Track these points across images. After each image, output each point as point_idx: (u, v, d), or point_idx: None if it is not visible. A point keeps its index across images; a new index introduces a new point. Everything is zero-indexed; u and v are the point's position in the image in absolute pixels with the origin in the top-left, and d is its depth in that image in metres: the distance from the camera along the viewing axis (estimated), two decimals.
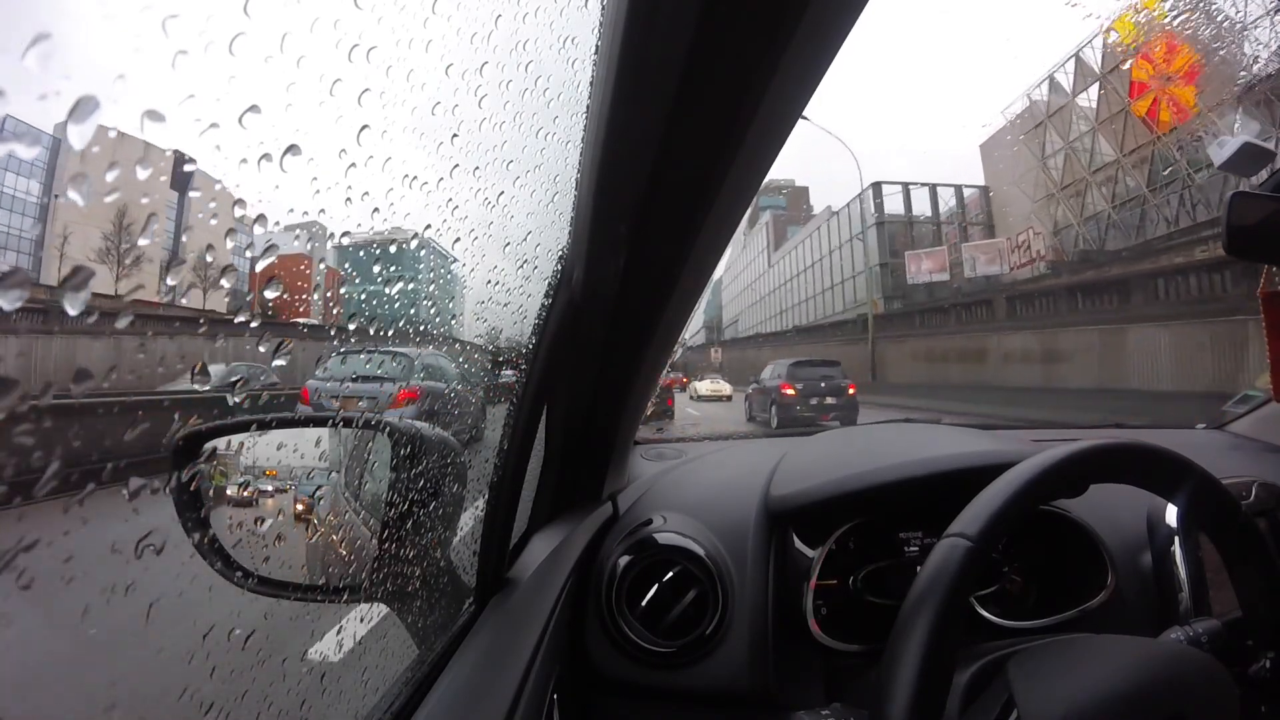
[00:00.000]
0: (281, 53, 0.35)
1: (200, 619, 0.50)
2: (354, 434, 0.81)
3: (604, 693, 0.85)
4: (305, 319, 1.22)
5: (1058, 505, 0.88)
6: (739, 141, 0.42)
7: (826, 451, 1.04)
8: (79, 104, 0.26)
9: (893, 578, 0.88)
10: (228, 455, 0.63)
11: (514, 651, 0.60)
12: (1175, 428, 1.53)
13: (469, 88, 0.50)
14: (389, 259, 0.58)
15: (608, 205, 0.52)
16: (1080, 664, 0.52)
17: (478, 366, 0.88)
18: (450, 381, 1.00)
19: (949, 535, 0.53)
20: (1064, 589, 0.87)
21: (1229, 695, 0.52)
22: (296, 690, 0.53)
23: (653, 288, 0.60)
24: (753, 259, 48.01)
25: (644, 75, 0.39)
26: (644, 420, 1.02)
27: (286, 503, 0.69)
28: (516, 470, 0.68)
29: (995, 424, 2.08)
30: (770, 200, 45.93)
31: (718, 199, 0.47)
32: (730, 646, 0.84)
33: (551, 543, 0.80)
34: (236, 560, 0.65)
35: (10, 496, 0.27)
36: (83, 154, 0.26)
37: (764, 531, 0.92)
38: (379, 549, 0.67)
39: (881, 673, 0.49)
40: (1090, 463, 0.58)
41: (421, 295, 0.66)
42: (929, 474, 0.85)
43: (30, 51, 0.23)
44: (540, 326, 0.68)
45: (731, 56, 0.36)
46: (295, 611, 0.64)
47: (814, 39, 0.36)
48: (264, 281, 0.51)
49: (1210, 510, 0.62)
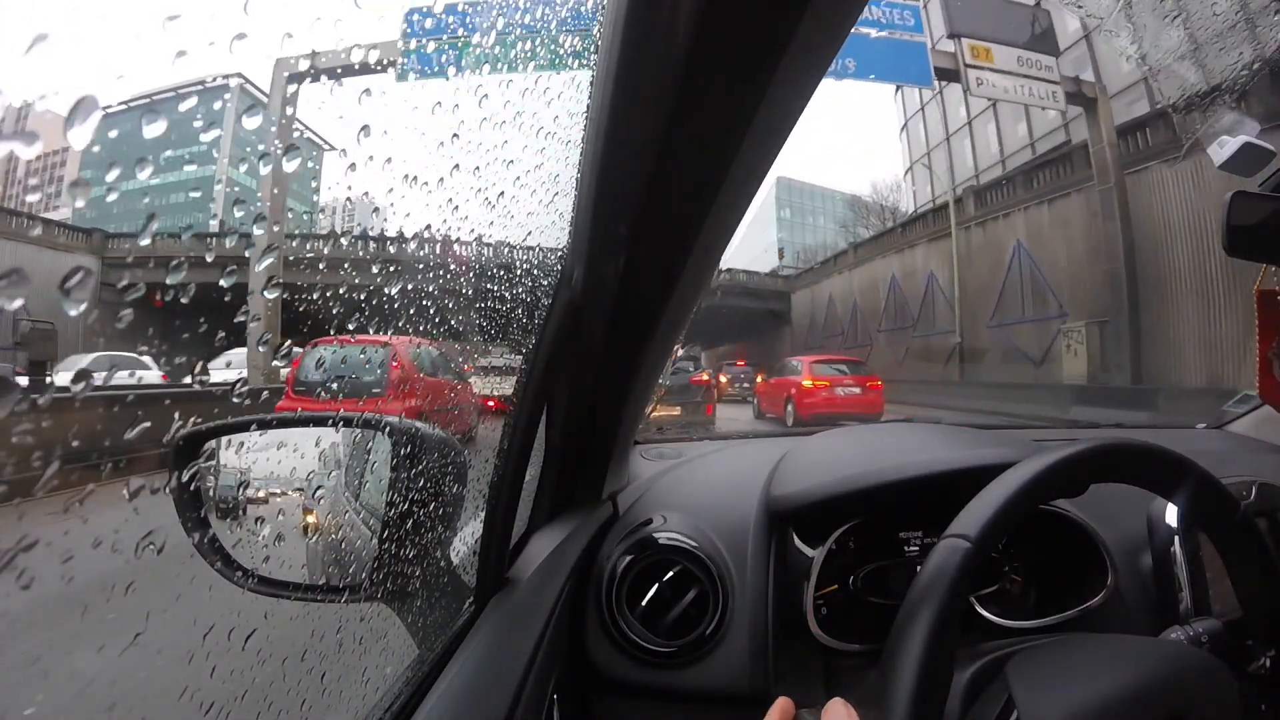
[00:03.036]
0: (282, 52, 0.35)
1: (200, 619, 0.50)
2: (354, 433, 0.82)
3: (604, 692, 0.85)
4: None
5: (1057, 505, 0.88)
6: (739, 141, 0.42)
7: (826, 451, 1.04)
8: (79, 104, 0.26)
9: (893, 577, 0.88)
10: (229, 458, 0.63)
11: (514, 651, 0.60)
12: (1175, 427, 1.53)
13: (469, 87, 0.50)
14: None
15: (608, 205, 0.52)
16: (1080, 664, 0.52)
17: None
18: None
19: (948, 536, 0.53)
20: (1064, 589, 0.87)
21: (1229, 694, 0.52)
22: (296, 690, 0.53)
23: (653, 288, 0.60)
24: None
25: (644, 75, 0.39)
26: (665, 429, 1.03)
27: (287, 503, 0.69)
28: (516, 470, 0.68)
29: (995, 424, 2.08)
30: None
31: (718, 199, 0.47)
32: (730, 646, 0.84)
33: (551, 543, 0.80)
34: (236, 560, 0.65)
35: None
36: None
37: (764, 531, 0.92)
38: (379, 549, 0.67)
39: (882, 670, 0.49)
40: (1090, 463, 0.58)
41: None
42: (929, 474, 0.85)
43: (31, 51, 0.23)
44: (540, 326, 0.68)
45: (732, 56, 0.36)
46: (295, 611, 0.64)
47: (814, 38, 0.36)
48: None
49: (1210, 510, 0.62)
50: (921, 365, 20.32)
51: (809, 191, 55.59)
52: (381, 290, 0.58)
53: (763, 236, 51.97)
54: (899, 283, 22.60)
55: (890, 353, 22.00)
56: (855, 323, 25.51)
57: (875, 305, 24.05)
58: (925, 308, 20.96)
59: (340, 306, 0.53)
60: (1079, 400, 12.68)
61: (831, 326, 27.43)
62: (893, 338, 22.58)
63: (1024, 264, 17.21)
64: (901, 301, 22.38)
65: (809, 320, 29.41)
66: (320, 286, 0.51)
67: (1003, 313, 17.80)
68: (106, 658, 0.47)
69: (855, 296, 25.68)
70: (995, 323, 17.95)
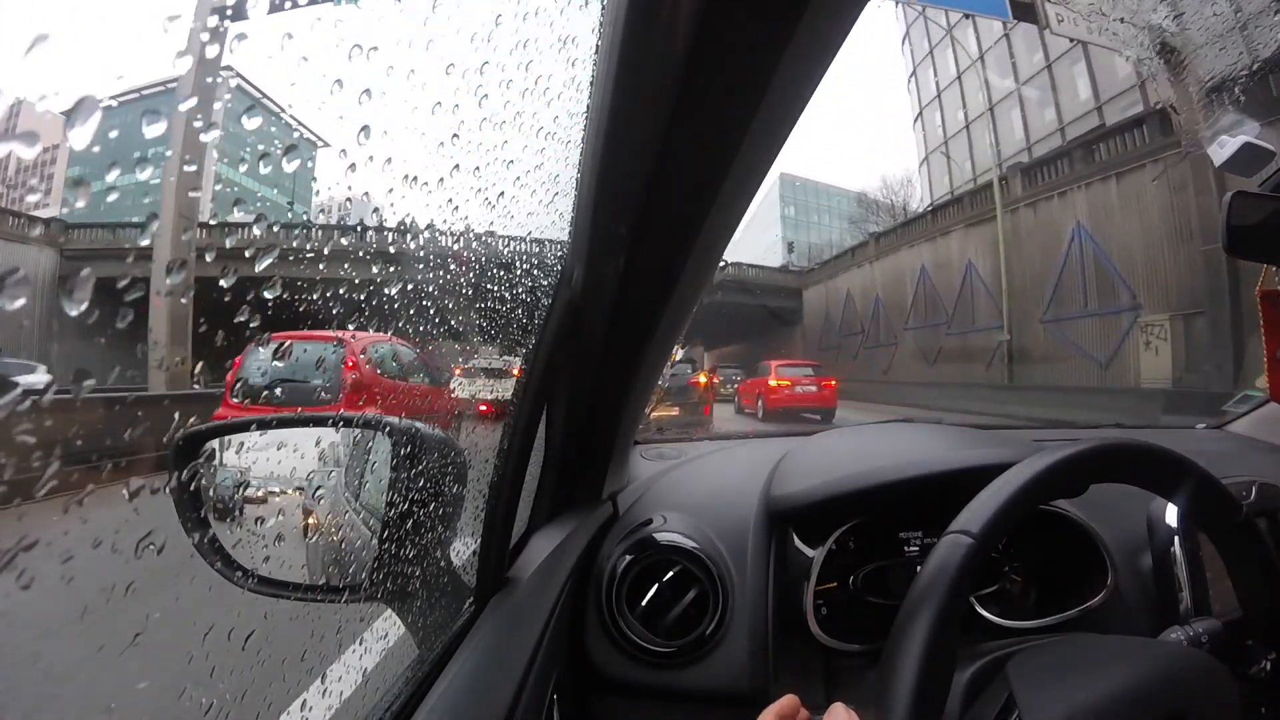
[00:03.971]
0: (283, 52, 0.35)
1: (200, 619, 0.50)
2: (354, 433, 0.81)
3: (604, 692, 0.85)
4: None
5: (1057, 505, 0.88)
6: (739, 141, 0.42)
7: (826, 451, 1.04)
8: (79, 104, 0.26)
9: (893, 577, 0.88)
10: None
11: (514, 651, 0.60)
12: (1175, 428, 1.53)
13: (469, 88, 0.50)
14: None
15: (608, 205, 0.52)
16: (1081, 664, 0.52)
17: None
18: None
19: (951, 532, 0.53)
20: (1064, 589, 0.87)
21: (1229, 696, 0.52)
22: (296, 690, 0.53)
23: (653, 288, 0.60)
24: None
25: (644, 75, 0.39)
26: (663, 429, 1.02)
27: (287, 503, 0.69)
28: (516, 470, 0.68)
29: (995, 424, 2.08)
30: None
31: (718, 199, 0.47)
32: (730, 646, 0.84)
33: (551, 543, 0.80)
34: (236, 560, 0.65)
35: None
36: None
37: (764, 531, 0.92)
38: (379, 549, 0.67)
39: (882, 669, 0.49)
40: (1090, 463, 0.58)
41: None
42: (929, 474, 0.85)
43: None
44: (540, 326, 0.68)
45: (731, 56, 0.36)
46: (295, 611, 0.64)
47: (814, 38, 0.36)
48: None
49: (1210, 510, 0.62)
50: (958, 366, 18.22)
51: (813, 189, 54.64)
52: (381, 290, 0.58)
53: (765, 235, 51.40)
54: (930, 274, 20.34)
55: (919, 353, 20.14)
56: (877, 320, 23.26)
57: (901, 300, 21.66)
58: (962, 302, 18.71)
59: (340, 306, 0.53)
60: (1171, 408, 9.97)
61: (849, 324, 25.12)
62: (923, 336, 20.38)
63: (1085, 249, 15.12)
64: (933, 295, 20.08)
65: (823, 318, 27.14)
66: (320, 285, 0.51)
67: (1059, 306, 15.60)
68: (106, 658, 0.47)
69: (878, 291, 23.28)
70: (1050, 317, 15.76)
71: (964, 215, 19.42)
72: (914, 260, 21.32)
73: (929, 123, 29.24)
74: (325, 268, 0.51)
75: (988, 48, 24.06)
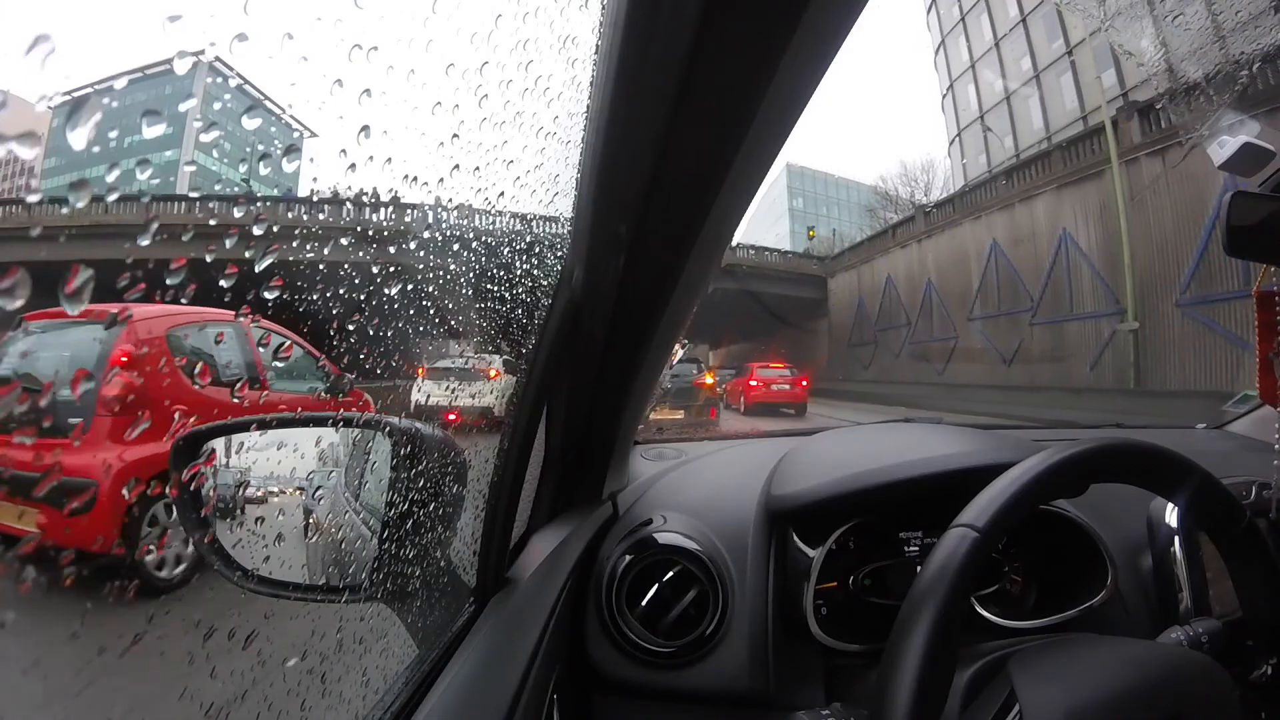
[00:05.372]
0: (283, 52, 0.35)
1: (200, 619, 0.50)
2: (354, 433, 0.81)
3: (604, 693, 0.85)
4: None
5: (1058, 505, 0.88)
6: (740, 140, 0.42)
7: (826, 451, 1.04)
8: (80, 104, 0.26)
9: (893, 577, 0.88)
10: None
11: (514, 651, 0.60)
12: (1175, 428, 1.53)
13: (469, 88, 0.50)
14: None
15: (608, 205, 0.52)
16: (1081, 664, 0.52)
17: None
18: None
19: (956, 526, 0.53)
20: (1064, 589, 0.87)
21: (1229, 698, 0.52)
22: (296, 690, 0.53)
23: (653, 288, 0.60)
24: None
25: (644, 75, 0.39)
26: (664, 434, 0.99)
27: (287, 503, 0.69)
28: (516, 470, 0.68)
29: (995, 424, 2.08)
30: None
31: (718, 199, 0.47)
32: (730, 646, 0.84)
33: (551, 543, 0.80)
34: (237, 560, 0.65)
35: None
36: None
37: (764, 531, 0.92)
38: (379, 549, 0.67)
39: (884, 663, 0.49)
40: (1091, 462, 0.58)
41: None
42: (929, 474, 0.85)
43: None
44: (540, 327, 0.68)
45: (731, 57, 0.36)
46: (295, 611, 0.64)
47: (814, 38, 0.36)
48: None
49: (1211, 510, 0.62)
50: (1048, 367, 14.24)
51: (823, 180, 53.14)
52: (381, 290, 0.58)
53: (775, 227, 50.41)
54: (1003, 250, 16.09)
55: (989, 349, 16.04)
56: (928, 310, 18.73)
57: (963, 285, 17.35)
58: (1053, 283, 14.73)
59: (340, 306, 0.53)
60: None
61: (890, 315, 20.51)
62: (994, 327, 16.24)
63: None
64: (1009, 276, 15.90)
65: (854, 309, 22.45)
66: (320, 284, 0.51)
67: (1201, 285, 11.56)
68: (107, 659, 0.47)
69: (930, 274, 18.84)
70: (1190, 299, 11.75)
71: (1052, 174, 14.96)
72: (981, 234, 17.13)
73: (960, 96, 25.65)
74: (325, 268, 0.51)
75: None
